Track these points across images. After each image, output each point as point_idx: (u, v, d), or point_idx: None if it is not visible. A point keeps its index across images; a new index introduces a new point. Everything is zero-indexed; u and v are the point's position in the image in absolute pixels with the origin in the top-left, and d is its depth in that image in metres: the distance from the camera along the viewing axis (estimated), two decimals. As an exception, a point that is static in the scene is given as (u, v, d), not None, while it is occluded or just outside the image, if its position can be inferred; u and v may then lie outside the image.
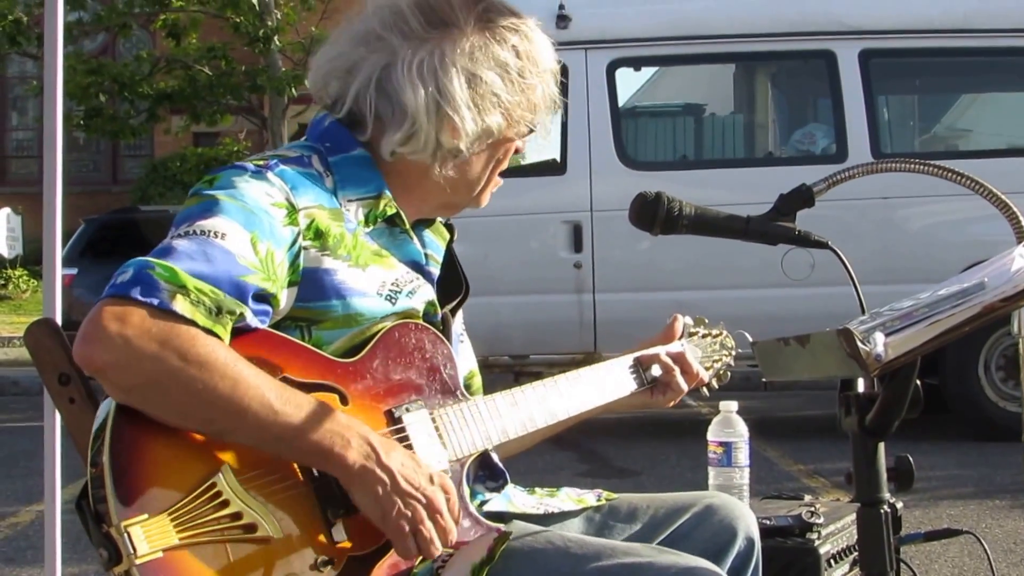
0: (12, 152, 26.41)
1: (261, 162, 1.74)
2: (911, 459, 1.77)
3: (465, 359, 2.00)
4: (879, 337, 1.53)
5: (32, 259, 18.06)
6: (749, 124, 8.68)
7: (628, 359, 2.15)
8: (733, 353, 2.36)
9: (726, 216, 1.97)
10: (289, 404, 1.56)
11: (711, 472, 2.59)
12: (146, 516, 1.47)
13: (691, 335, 2.29)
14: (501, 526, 1.79)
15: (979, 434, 7.14)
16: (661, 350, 2.19)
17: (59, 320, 3.00)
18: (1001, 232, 1.85)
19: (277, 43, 17.49)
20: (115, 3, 18.98)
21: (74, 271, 12.36)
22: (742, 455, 2.56)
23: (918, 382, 1.68)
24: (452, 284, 1.96)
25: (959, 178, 1.88)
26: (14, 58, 22.48)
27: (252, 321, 1.61)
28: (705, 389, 2.28)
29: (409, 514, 1.60)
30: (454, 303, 1.95)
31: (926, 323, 1.57)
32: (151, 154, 24.55)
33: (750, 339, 2.23)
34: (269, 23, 17.30)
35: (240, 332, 1.60)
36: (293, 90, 17.46)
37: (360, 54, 1.83)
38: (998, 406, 7.22)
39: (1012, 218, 1.81)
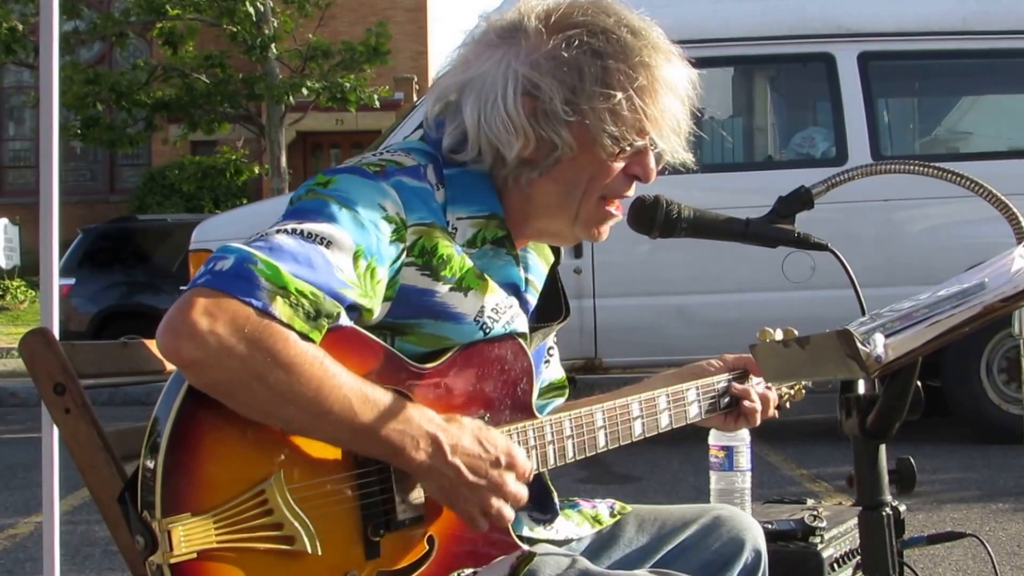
0: (9, 162, 26.45)
1: (378, 168, 1.71)
2: (913, 462, 1.76)
3: (554, 367, 2.03)
4: (879, 338, 1.52)
5: (30, 269, 18.08)
6: (748, 128, 8.68)
7: (712, 382, 2.08)
8: (809, 382, 2.30)
9: (725, 219, 1.96)
10: (367, 404, 1.56)
11: (712, 476, 2.58)
12: (189, 515, 1.47)
13: None
14: (527, 547, 1.78)
15: (981, 437, 7.13)
16: (752, 386, 2.11)
17: (56, 330, 2.99)
18: (1001, 234, 1.84)
19: (274, 51, 17.52)
20: (111, 12, 19.02)
21: (72, 281, 12.38)
22: (744, 459, 2.56)
23: (919, 383, 1.67)
24: (551, 305, 1.95)
25: (959, 180, 1.88)
26: (11, 68, 22.54)
27: (344, 321, 1.60)
28: (776, 411, 2.24)
29: (476, 499, 1.64)
30: (550, 325, 1.94)
31: (926, 324, 1.56)
32: (148, 163, 24.61)
33: None
34: (266, 31, 17.32)
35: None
36: (290, 98, 17.49)
37: (456, 64, 1.83)
38: (1000, 408, 7.21)
39: (1012, 219, 1.80)
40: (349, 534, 1.60)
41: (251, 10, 16.96)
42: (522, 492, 1.68)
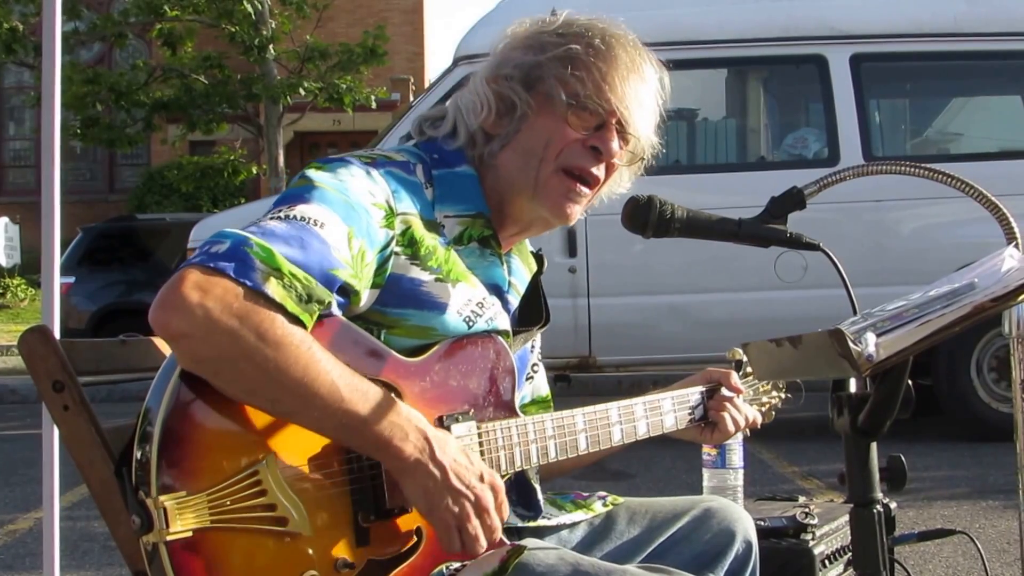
0: (9, 162, 26.42)
1: (368, 159, 1.76)
2: (904, 459, 1.78)
3: (538, 384, 2.05)
4: (870, 337, 1.54)
5: (30, 268, 18.07)
6: (741, 129, 8.69)
7: (687, 393, 2.11)
8: (783, 396, 2.32)
9: (718, 219, 1.98)
10: (356, 392, 1.55)
11: (705, 474, 2.60)
12: (185, 493, 1.47)
13: (746, 375, 2.24)
14: (510, 541, 1.79)
15: (972, 435, 7.15)
16: (724, 393, 2.15)
17: (57, 328, 3.00)
18: (991, 234, 1.86)
19: (272, 52, 17.50)
20: (111, 13, 18.99)
21: (71, 279, 12.38)
22: (736, 457, 2.57)
23: (910, 382, 1.69)
24: (532, 311, 1.98)
25: (949, 180, 1.90)
26: (11, 68, 22.47)
27: (334, 310, 1.61)
28: (747, 429, 2.24)
29: (456, 510, 1.60)
30: (530, 330, 1.97)
31: (917, 323, 1.58)
32: (147, 163, 24.58)
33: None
34: (264, 32, 17.30)
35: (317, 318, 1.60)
36: (288, 98, 17.48)
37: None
38: (990, 407, 7.23)
39: (1002, 220, 1.82)
40: (340, 519, 1.61)
41: (250, 11, 16.95)
42: (498, 523, 1.65)
